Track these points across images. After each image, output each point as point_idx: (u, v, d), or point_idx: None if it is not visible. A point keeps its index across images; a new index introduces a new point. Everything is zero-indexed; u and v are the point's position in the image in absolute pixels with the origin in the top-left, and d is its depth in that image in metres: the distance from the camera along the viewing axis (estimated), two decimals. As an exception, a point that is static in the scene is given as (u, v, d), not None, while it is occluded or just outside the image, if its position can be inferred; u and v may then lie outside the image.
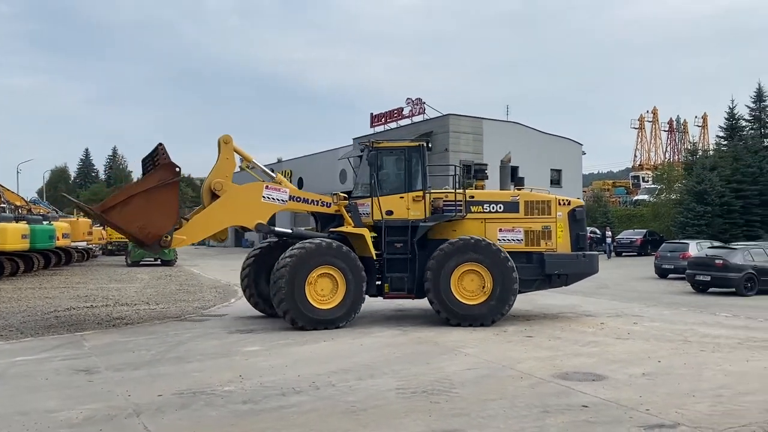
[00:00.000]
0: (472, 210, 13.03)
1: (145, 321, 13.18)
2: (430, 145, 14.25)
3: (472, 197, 13.11)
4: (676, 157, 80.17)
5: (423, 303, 12.99)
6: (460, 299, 12.25)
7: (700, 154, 42.74)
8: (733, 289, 18.34)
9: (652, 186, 51.72)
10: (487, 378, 8.11)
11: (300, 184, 54.85)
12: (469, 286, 12.31)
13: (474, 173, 14.45)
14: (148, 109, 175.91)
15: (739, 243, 23.54)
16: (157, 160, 11.72)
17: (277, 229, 13.18)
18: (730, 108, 43.09)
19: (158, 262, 31.70)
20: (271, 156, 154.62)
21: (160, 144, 11.75)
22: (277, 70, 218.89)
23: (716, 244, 23.97)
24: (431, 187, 13.27)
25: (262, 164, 13.56)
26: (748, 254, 18.91)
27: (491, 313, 12.20)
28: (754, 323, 12.90)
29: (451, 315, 12.24)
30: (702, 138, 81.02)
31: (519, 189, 13.98)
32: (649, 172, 67.22)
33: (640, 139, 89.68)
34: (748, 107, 41.57)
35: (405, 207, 12.87)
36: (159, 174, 11.47)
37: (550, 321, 13.00)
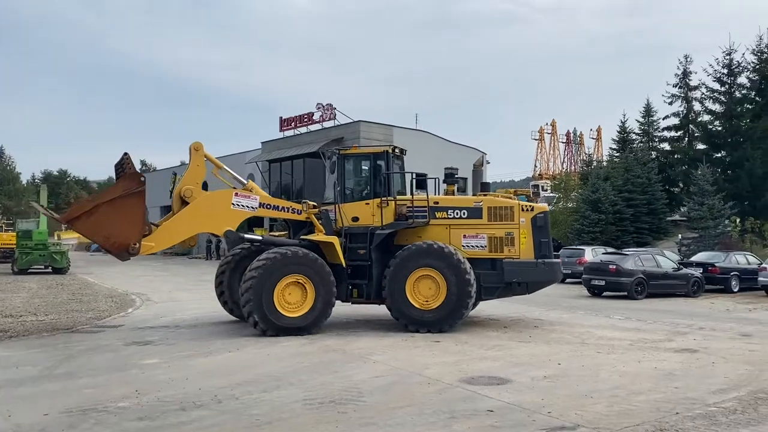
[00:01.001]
0: (437, 216, 12.85)
1: (31, 333, 12.22)
2: (399, 151, 13.65)
3: (437, 203, 12.96)
4: (573, 167, 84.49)
5: (359, 309, 12.85)
6: (416, 305, 12.15)
7: (595, 164, 45.34)
8: (625, 293, 19.42)
9: (551, 195, 54.14)
10: (396, 385, 8.08)
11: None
12: (425, 291, 12.20)
13: (445, 178, 14.15)
14: (35, 106, 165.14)
15: (630, 249, 25.05)
16: (123, 169, 11.75)
17: (246, 236, 13.18)
18: (622, 122, 45.94)
19: (49, 269, 29.69)
20: (174, 159, 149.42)
21: (126, 153, 11.88)
22: (181, 71, 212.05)
23: (610, 250, 25.37)
24: (402, 193, 13.28)
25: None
26: (638, 260, 20.12)
27: (447, 319, 12.08)
28: (644, 325, 13.66)
29: (408, 321, 12.18)
30: (596, 150, 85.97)
31: (484, 194, 13.81)
32: (548, 182, 70.33)
33: (540, 150, 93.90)
34: (638, 122, 44.51)
35: (370, 213, 12.77)
36: (124, 183, 11.50)
37: (457, 325, 13.19)
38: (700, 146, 40.23)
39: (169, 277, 28.10)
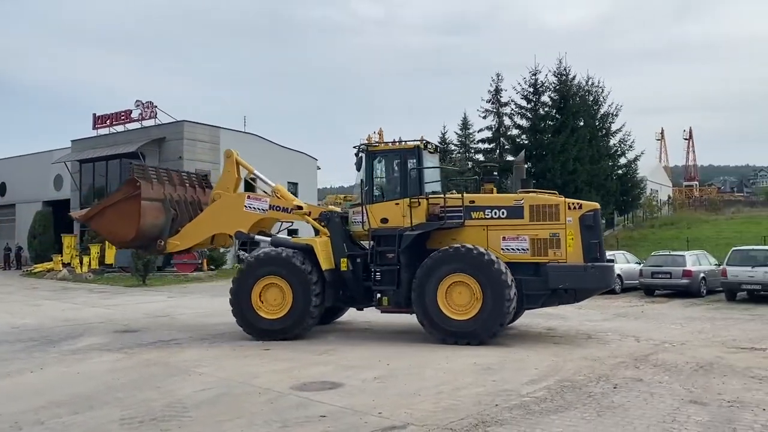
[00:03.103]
0: (473, 216, 11.74)
1: None
2: (432, 147, 12.80)
3: (473, 202, 11.85)
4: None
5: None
6: (450, 315, 11.15)
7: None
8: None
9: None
10: (224, 397, 7.72)
11: (2, 190, 47.55)
12: (459, 299, 11.16)
13: (482, 175, 13.15)
14: None
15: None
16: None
17: (257, 236, 13.06)
18: (442, 134, 48.66)
19: None
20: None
21: (131, 162, 13.70)
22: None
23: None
24: (437, 192, 12.41)
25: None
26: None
27: (483, 330, 11.02)
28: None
29: (439, 332, 11.24)
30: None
31: (524, 192, 12.35)
32: (376, 188, 72.54)
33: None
34: (457, 134, 47.49)
35: (401, 214, 11.88)
36: (124, 189, 13.24)
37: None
38: (510, 158, 43.94)
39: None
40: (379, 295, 11.99)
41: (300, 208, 12.89)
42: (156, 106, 38.12)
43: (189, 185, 14.70)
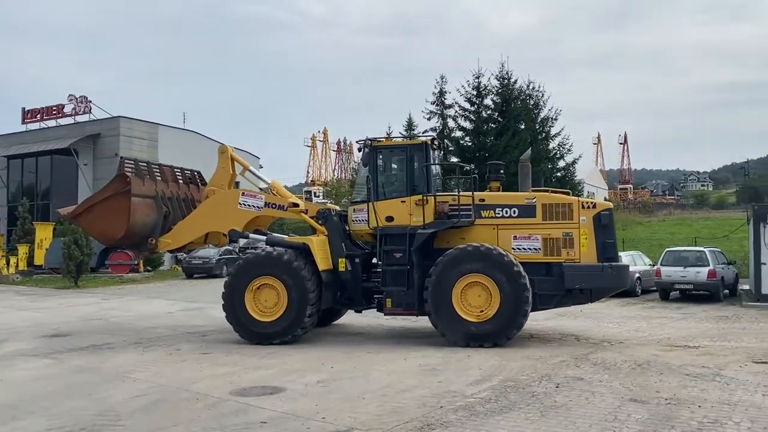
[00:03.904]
0: (483, 215, 11.45)
1: None
2: (437, 142, 12.38)
3: (483, 200, 11.57)
4: (344, 174, 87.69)
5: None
6: (466, 317, 10.80)
7: (364, 173, 47.37)
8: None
9: (323, 201, 55.61)
10: (160, 403, 7.38)
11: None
12: (474, 301, 10.83)
13: (488, 173, 12.68)
14: None
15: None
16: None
17: (252, 234, 12.75)
18: (387, 134, 48.66)
19: None
20: None
21: (121, 157, 13.06)
22: None
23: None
24: (438, 190, 11.92)
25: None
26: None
27: (503, 331, 10.70)
28: (413, 318, 13.97)
29: (457, 336, 10.83)
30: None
31: (536, 191, 12.06)
32: (321, 188, 72.11)
33: (312, 157, 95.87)
34: (402, 134, 47.60)
35: (407, 212, 11.49)
36: (113, 185, 12.75)
37: (226, 334, 12.64)
38: (454, 159, 44.37)
39: None
40: (380, 297, 11.74)
41: (296, 205, 12.49)
42: (91, 101, 36.82)
43: (182, 181, 14.17)
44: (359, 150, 12.22)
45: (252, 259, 11.80)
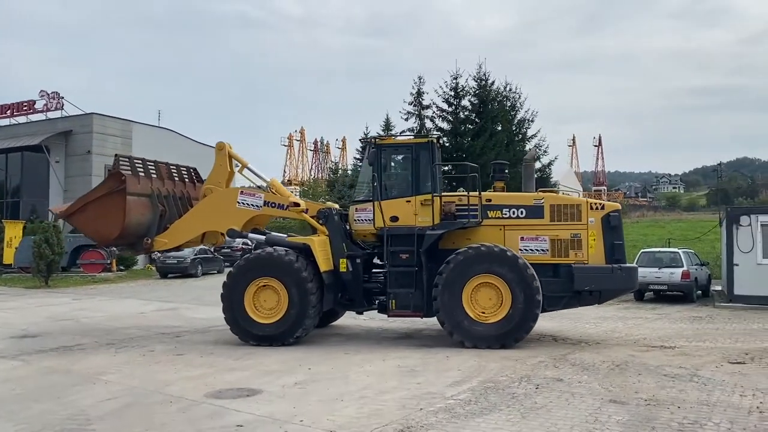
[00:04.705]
0: (490, 215, 11.31)
1: None
2: (441, 141, 12.18)
3: (489, 201, 11.44)
4: (321, 174, 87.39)
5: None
6: (475, 318, 10.63)
7: (341, 172, 47.24)
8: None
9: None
10: (132, 407, 7.18)
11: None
12: (484, 302, 10.67)
13: (492, 173, 12.46)
14: None
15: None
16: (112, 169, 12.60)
17: (251, 234, 12.41)
18: (365, 134, 48.59)
19: None
20: None
21: (116, 155, 12.80)
22: None
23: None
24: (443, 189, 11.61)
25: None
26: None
27: (513, 332, 10.59)
28: (390, 319, 13.90)
29: (466, 337, 10.62)
30: (342, 159, 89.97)
31: (543, 191, 11.96)
32: (297, 187, 71.70)
33: (289, 156, 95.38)
34: (379, 134, 47.56)
35: (412, 212, 11.26)
36: (108, 183, 12.45)
37: (201, 335, 12.44)
38: (431, 159, 44.46)
39: None
40: (382, 298, 11.59)
41: (297, 204, 12.20)
42: (63, 97, 36.08)
43: (178, 179, 13.76)
44: (363, 148, 12.15)
45: (252, 260, 11.47)
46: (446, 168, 13.34)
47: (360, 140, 12.85)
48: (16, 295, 21.66)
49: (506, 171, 12.78)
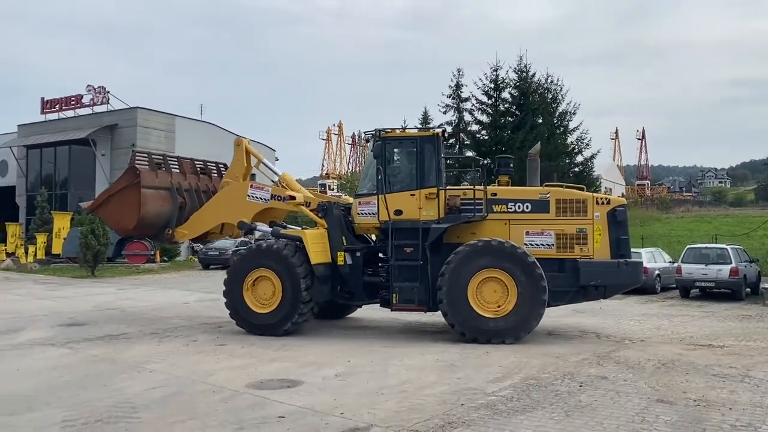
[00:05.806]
0: (495, 209, 11.28)
1: None
2: (447, 134, 12.46)
3: (495, 195, 11.38)
4: (359, 168, 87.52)
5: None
6: (481, 312, 10.61)
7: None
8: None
9: (337, 194, 55.57)
10: (176, 396, 7.30)
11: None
12: (490, 296, 10.65)
13: (497, 167, 12.47)
14: None
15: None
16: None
17: (259, 226, 12.94)
18: (402, 128, 48.35)
19: None
20: None
21: (132, 150, 13.65)
22: None
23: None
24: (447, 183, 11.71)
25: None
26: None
27: (519, 327, 10.55)
28: (428, 314, 13.70)
29: (468, 330, 10.65)
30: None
31: (548, 185, 11.82)
32: (335, 181, 72.05)
33: (327, 150, 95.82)
34: (417, 128, 47.34)
35: (416, 206, 11.26)
36: (125, 177, 13.02)
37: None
38: (470, 153, 44.00)
39: None
40: (385, 292, 11.56)
41: (293, 198, 12.34)
42: (109, 92, 36.89)
43: (203, 173, 14.45)
44: (366, 141, 12.02)
45: (248, 252, 11.93)
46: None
47: (365, 133, 12.71)
48: (64, 284, 22.33)
49: (511, 165, 12.73)
